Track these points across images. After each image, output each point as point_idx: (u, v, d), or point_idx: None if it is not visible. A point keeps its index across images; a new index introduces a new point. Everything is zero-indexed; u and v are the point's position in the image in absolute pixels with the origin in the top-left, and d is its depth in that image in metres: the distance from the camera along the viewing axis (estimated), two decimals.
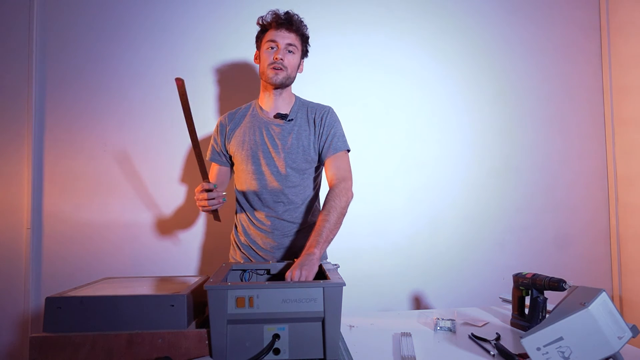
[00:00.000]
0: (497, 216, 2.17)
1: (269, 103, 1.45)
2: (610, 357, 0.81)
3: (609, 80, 2.25)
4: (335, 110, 1.52)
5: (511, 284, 1.26)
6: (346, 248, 2.02)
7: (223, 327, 0.91)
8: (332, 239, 1.26)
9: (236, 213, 1.53)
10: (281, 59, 1.37)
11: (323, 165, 1.45)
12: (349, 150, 1.45)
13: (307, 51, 1.48)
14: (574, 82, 2.26)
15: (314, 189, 1.49)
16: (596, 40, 2.29)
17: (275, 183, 1.40)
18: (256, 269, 1.23)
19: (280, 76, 1.38)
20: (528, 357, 0.87)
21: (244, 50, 1.98)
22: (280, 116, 1.43)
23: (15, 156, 1.84)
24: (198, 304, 1.04)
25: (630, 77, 2.15)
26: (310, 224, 1.46)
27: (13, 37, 1.85)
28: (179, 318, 0.92)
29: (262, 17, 1.42)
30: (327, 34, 2.06)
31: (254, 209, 1.45)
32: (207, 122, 1.95)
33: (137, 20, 1.94)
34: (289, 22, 1.38)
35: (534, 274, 1.18)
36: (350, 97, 2.06)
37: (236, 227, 1.53)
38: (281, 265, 1.24)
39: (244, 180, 1.44)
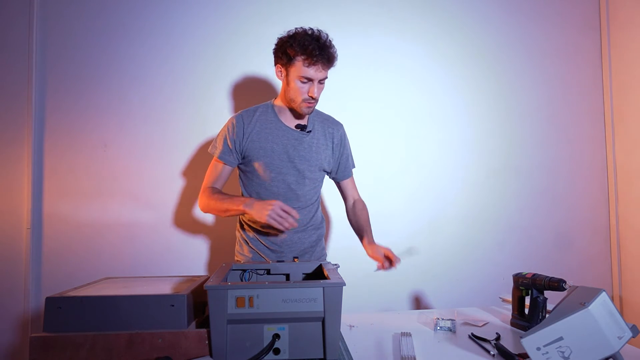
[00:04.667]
0: (496, 216, 2.17)
1: (289, 115, 1.45)
2: (610, 357, 0.81)
3: (609, 80, 2.25)
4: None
5: (511, 284, 1.26)
6: (346, 248, 2.02)
7: (223, 327, 0.91)
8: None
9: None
10: (317, 97, 1.35)
11: (335, 181, 1.58)
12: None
13: None
14: (574, 82, 2.26)
15: (318, 192, 1.56)
16: (596, 40, 2.29)
17: (292, 189, 1.44)
18: (256, 269, 1.23)
19: (312, 108, 1.40)
20: (528, 357, 0.87)
21: (245, 50, 1.99)
22: (300, 127, 1.44)
23: (15, 156, 1.84)
24: (198, 304, 1.04)
25: (630, 78, 2.15)
26: (315, 220, 1.54)
27: (13, 37, 1.85)
28: (179, 318, 0.92)
29: (291, 42, 1.30)
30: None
31: None
32: (207, 123, 1.95)
33: (137, 21, 1.94)
34: (327, 60, 1.31)
35: (534, 274, 1.18)
36: (349, 97, 2.06)
37: (242, 224, 1.53)
38: (281, 265, 1.24)
39: (259, 183, 1.44)
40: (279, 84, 2.01)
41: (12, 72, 1.85)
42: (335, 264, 1.22)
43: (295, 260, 1.30)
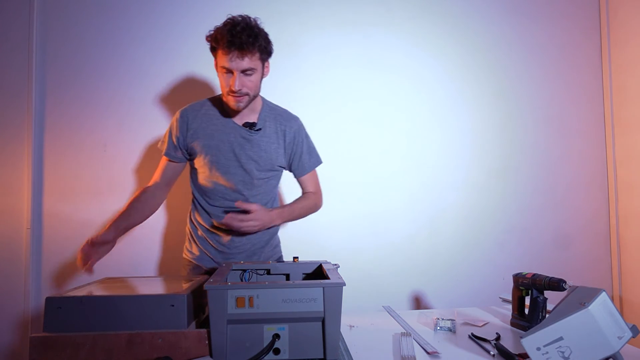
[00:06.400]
0: (497, 216, 2.17)
1: (235, 111, 1.35)
2: (610, 357, 0.81)
3: (609, 80, 2.25)
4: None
5: (511, 284, 1.26)
6: (346, 248, 2.02)
7: (223, 327, 0.91)
8: (294, 217, 1.44)
9: (193, 207, 1.48)
10: (239, 89, 1.24)
11: (295, 177, 1.51)
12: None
13: (270, 52, 1.32)
14: (574, 82, 2.26)
15: (273, 191, 1.50)
16: (596, 40, 2.29)
17: (240, 189, 1.39)
18: (256, 269, 1.23)
19: (243, 103, 1.28)
20: (528, 357, 0.87)
21: None
22: (248, 125, 1.36)
23: (15, 156, 1.84)
24: (198, 304, 1.04)
25: (630, 78, 2.15)
26: None
27: (13, 37, 1.85)
28: (179, 318, 0.92)
29: (209, 35, 1.26)
30: (326, 33, 2.06)
31: (215, 209, 1.41)
32: None
33: (137, 20, 1.94)
34: (240, 46, 1.19)
35: (534, 274, 1.18)
36: (349, 97, 2.06)
37: (192, 221, 1.48)
38: (281, 265, 1.24)
39: (207, 183, 1.39)
40: (277, 82, 2.02)
41: (12, 72, 1.85)
42: (335, 264, 1.22)
43: (295, 260, 1.30)
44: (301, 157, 1.45)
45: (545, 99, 2.24)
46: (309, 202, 1.48)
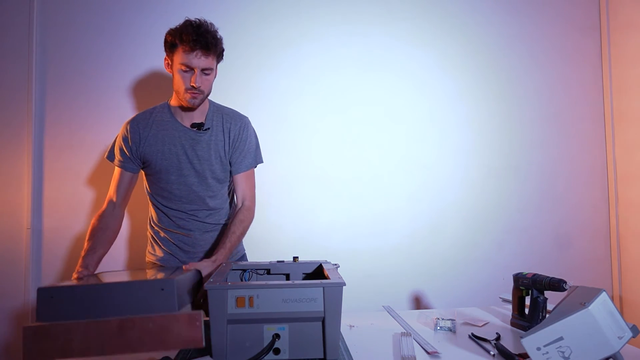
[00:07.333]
0: (496, 216, 2.17)
1: (185, 113, 1.41)
2: (610, 357, 0.81)
3: (609, 79, 2.25)
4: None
5: (511, 284, 1.26)
6: (346, 248, 2.02)
7: (223, 327, 0.91)
8: (233, 249, 1.37)
9: (152, 211, 1.50)
10: (199, 86, 1.30)
11: (232, 174, 1.47)
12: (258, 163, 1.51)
13: (222, 57, 1.40)
14: (573, 82, 2.26)
15: (230, 193, 1.52)
16: (596, 40, 2.29)
17: (197, 193, 1.40)
18: (256, 269, 1.23)
19: (198, 100, 1.34)
20: (528, 357, 0.87)
21: (244, 49, 1.99)
22: (196, 126, 1.39)
23: (15, 156, 1.84)
24: (192, 293, 1.04)
25: (630, 77, 2.15)
26: (228, 217, 1.49)
27: (13, 37, 1.85)
28: (169, 301, 0.92)
29: (173, 32, 1.31)
30: (326, 33, 2.06)
31: (174, 212, 1.43)
32: None
33: (137, 20, 1.94)
34: (205, 46, 1.28)
35: (535, 274, 1.18)
36: (349, 97, 2.06)
37: (153, 225, 1.50)
38: (281, 265, 1.24)
39: (164, 188, 1.41)
40: (277, 82, 2.02)
41: (12, 72, 1.85)
42: (335, 264, 1.22)
43: (295, 260, 1.30)
44: (241, 153, 1.44)
45: (545, 98, 2.24)
46: (238, 228, 1.38)
